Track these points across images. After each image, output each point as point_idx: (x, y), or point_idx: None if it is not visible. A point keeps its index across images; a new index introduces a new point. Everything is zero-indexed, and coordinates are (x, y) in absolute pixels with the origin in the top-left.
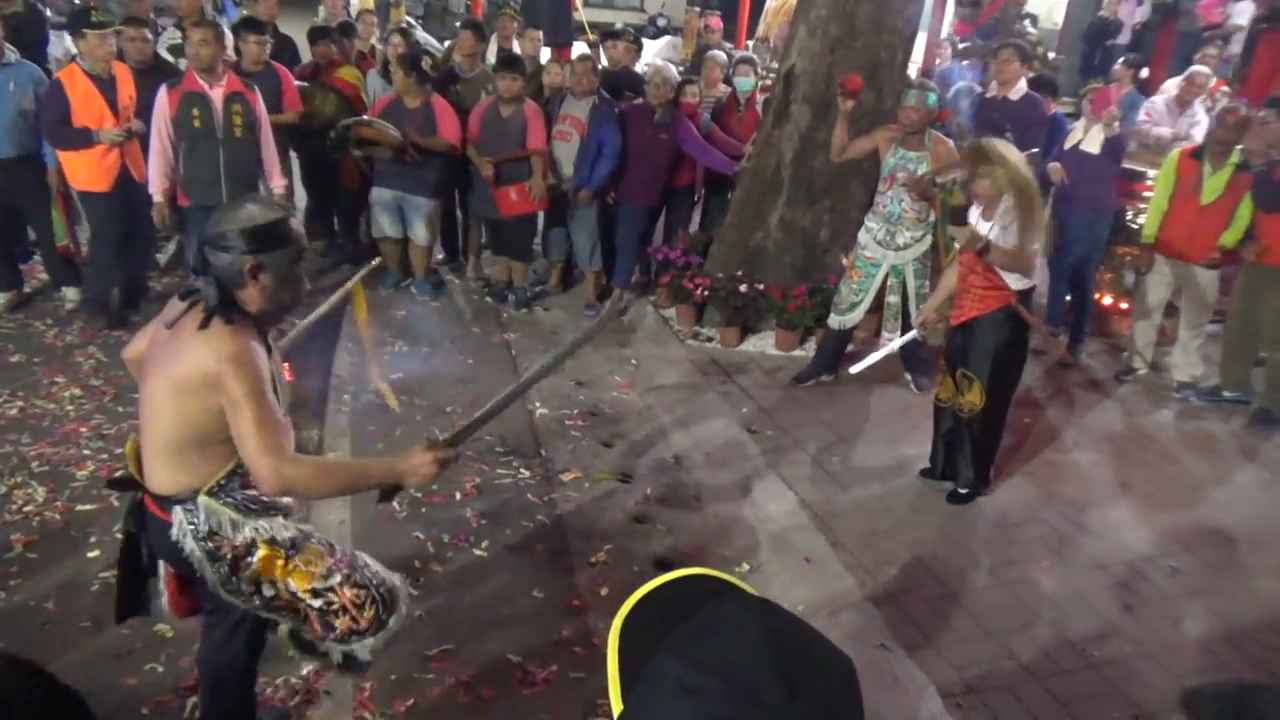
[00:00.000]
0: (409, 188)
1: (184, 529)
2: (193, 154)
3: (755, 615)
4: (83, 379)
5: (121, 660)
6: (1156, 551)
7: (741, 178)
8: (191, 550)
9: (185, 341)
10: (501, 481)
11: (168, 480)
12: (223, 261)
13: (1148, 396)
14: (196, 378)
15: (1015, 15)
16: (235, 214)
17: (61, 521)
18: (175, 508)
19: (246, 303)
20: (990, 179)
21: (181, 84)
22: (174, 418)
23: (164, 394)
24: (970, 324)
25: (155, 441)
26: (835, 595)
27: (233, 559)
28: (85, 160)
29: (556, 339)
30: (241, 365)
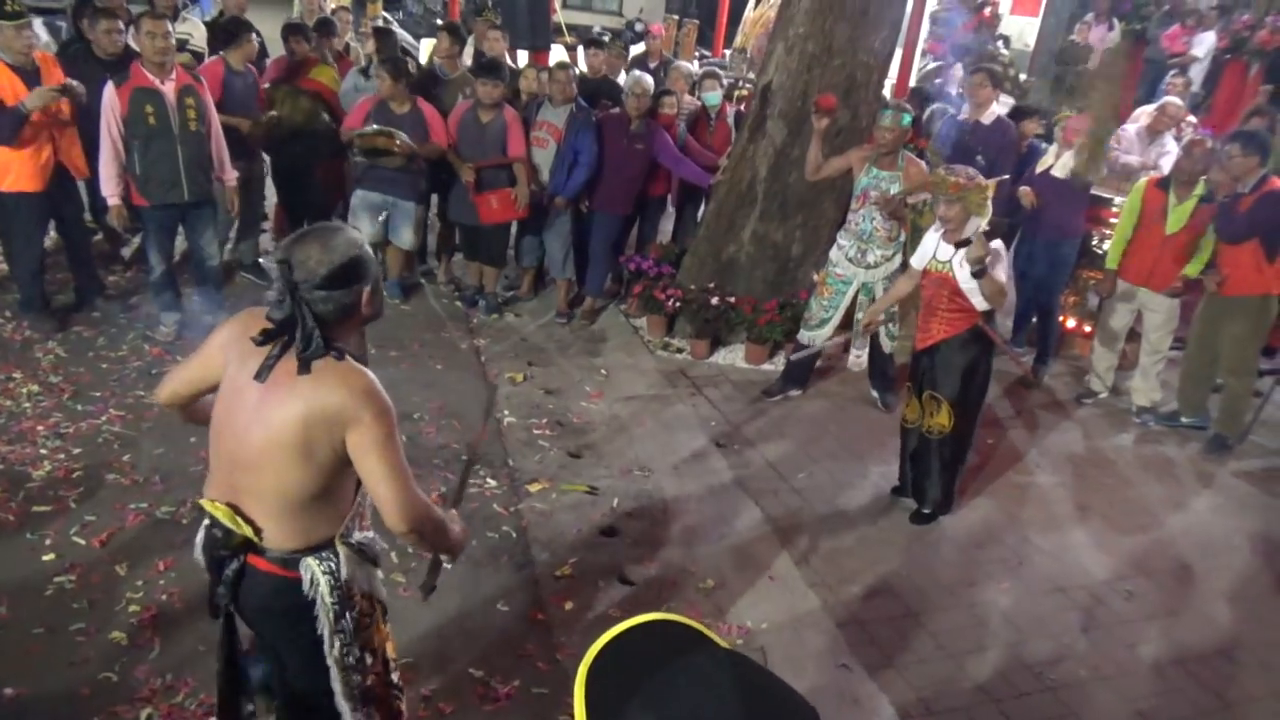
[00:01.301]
0: (398, 192)
1: (319, 580)
2: (148, 152)
3: (725, 668)
4: (41, 375)
5: (75, 668)
6: (1113, 575)
7: (716, 190)
8: (327, 604)
9: (294, 388)
10: (468, 491)
11: (297, 536)
12: (335, 301)
13: (1108, 420)
14: (324, 419)
15: (989, 36)
16: (329, 249)
17: (15, 523)
18: (306, 560)
19: (345, 334)
20: (961, 204)
21: (130, 80)
22: (302, 469)
23: (283, 450)
24: (937, 346)
25: (276, 500)
26: (798, 613)
27: (358, 618)
28: (16, 158)
29: (526, 345)
30: (378, 401)
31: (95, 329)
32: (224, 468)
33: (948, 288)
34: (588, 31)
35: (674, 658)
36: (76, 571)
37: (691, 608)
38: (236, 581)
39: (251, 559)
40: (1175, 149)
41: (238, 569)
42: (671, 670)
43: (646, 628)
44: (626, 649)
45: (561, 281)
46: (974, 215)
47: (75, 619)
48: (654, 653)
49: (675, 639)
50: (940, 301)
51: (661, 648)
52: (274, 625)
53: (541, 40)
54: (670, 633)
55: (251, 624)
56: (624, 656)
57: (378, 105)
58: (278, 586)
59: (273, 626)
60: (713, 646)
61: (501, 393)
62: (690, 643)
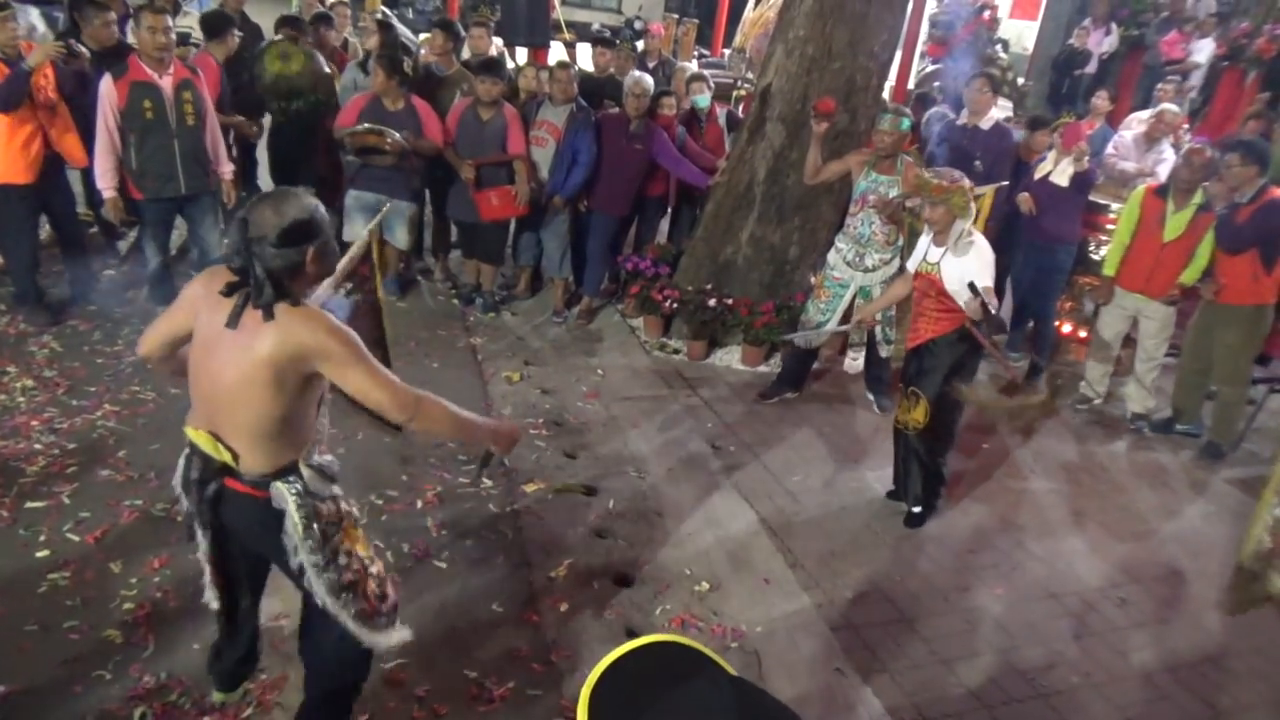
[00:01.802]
0: (392, 191)
1: (287, 497)
2: (145, 146)
3: (728, 695)
4: (35, 370)
5: (69, 666)
6: (1106, 582)
7: (714, 192)
8: (294, 517)
9: (261, 333)
10: (464, 490)
11: (268, 460)
12: (284, 259)
13: (1102, 426)
14: (294, 354)
15: (988, 39)
16: (280, 212)
17: (9, 518)
18: (274, 482)
19: (299, 287)
20: (945, 206)
21: (128, 73)
22: (272, 401)
23: (256, 384)
24: (925, 345)
25: (252, 429)
26: (793, 617)
27: (324, 527)
28: (5, 151)
29: (522, 344)
30: (339, 334)
31: (90, 323)
32: (203, 404)
33: (935, 288)
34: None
35: (677, 683)
36: (70, 568)
37: (686, 610)
38: (216, 502)
39: (229, 482)
40: (1173, 155)
41: (217, 490)
42: (675, 697)
43: (649, 650)
44: (629, 672)
45: (558, 281)
46: (958, 218)
47: (69, 616)
48: (657, 677)
49: (678, 662)
50: (928, 302)
51: (664, 672)
52: (255, 538)
53: (540, 37)
54: (673, 656)
55: (236, 538)
56: (626, 680)
57: (371, 102)
58: (252, 506)
59: (254, 539)
60: (716, 671)
61: (497, 392)
62: (693, 666)
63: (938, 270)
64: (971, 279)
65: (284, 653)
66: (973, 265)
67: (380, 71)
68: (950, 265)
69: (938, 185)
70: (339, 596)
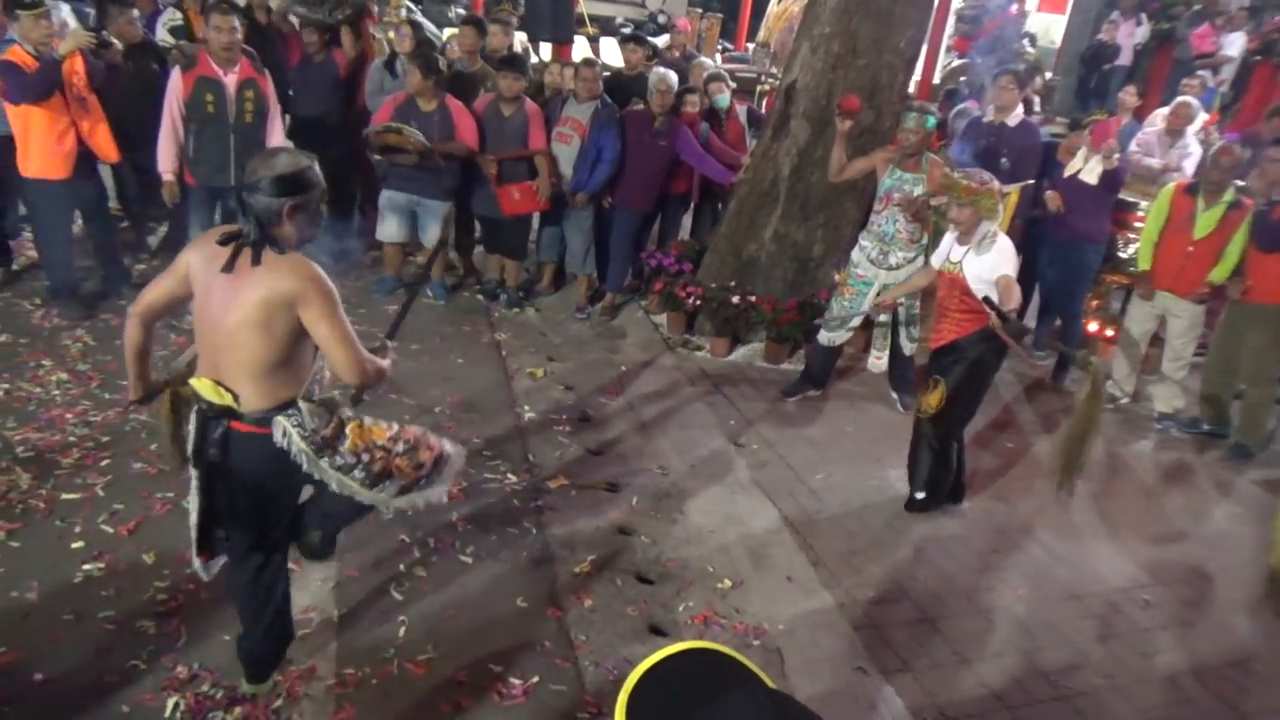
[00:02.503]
0: (424, 191)
1: (289, 432)
2: (202, 136)
3: (765, 707)
4: (69, 363)
5: (102, 656)
6: (1131, 583)
7: (738, 189)
8: (298, 444)
9: (253, 277)
10: (488, 486)
11: (268, 398)
12: (261, 204)
13: (1128, 426)
14: (280, 301)
15: (1015, 33)
16: (271, 163)
17: (45, 510)
18: (277, 418)
19: (282, 239)
20: (973, 208)
21: (196, 68)
22: (264, 344)
23: (248, 327)
24: (948, 346)
25: (249, 369)
26: (815, 615)
27: (332, 446)
28: (39, 145)
29: (546, 340)
30: (319, 283)
31: (121, 317)
32: (206, 351)
33: (958, 288)
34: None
35: (716, 694)
36: (104, 559)
37: (708, 607)
38: (224, 445)
39: (234, 425)
40: (1198, 149)
41: (224, 433)
42: (713, 709)
43: (689, 656)
44: (667, 679)
45: (582, 277)
46: (985, 219)
47: (103, 606)
48: (695, 687)
49: (718, 672)
50: (951, 303)
51: (703, 682)
52: (264, 476)
53: (564, 33)
54: (710, 664)
55: (244, 481)
56: (664, 687)
57: (405, 102)
58: (255, 442)
59: (264, 477)
60: (753, 682)
61: (521, 388)
62: (730, 676)
63: (960, 270)
64: (996, 276)
65: (312, 644)
66: (994, 260)
67: (416, 72)
68: (973, 264)
69: (967, 186)
70: (378, 487)
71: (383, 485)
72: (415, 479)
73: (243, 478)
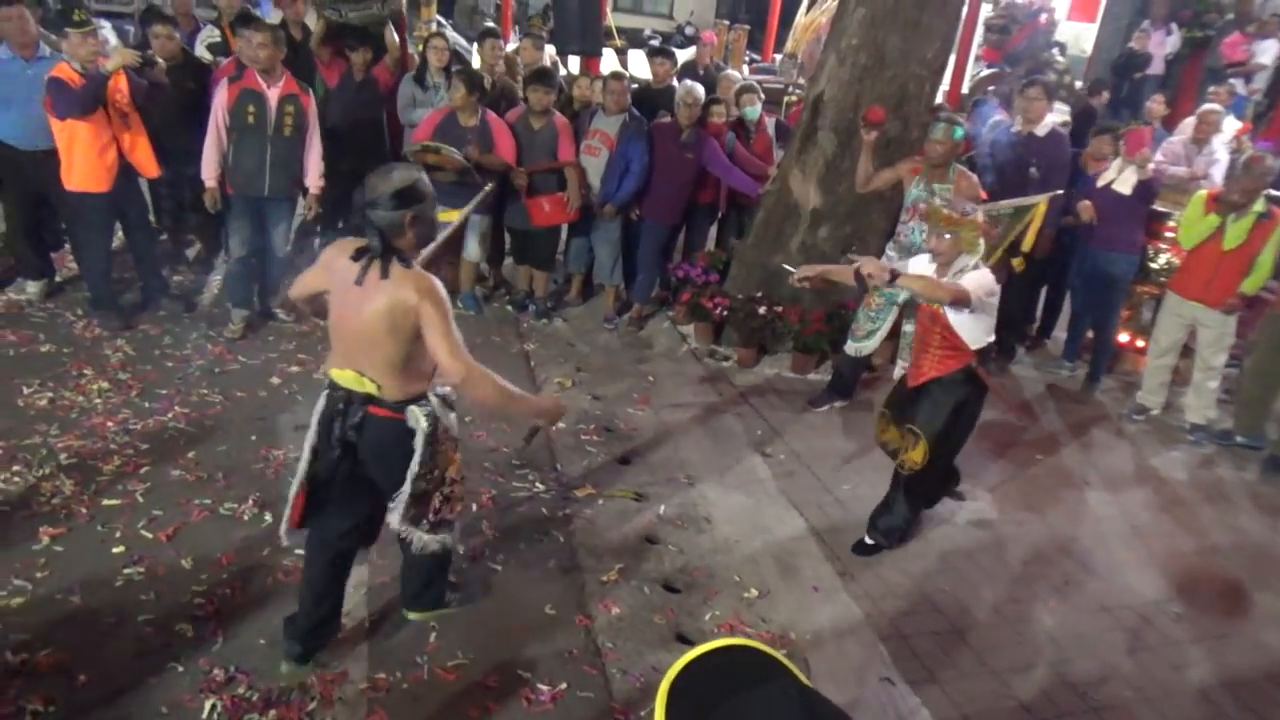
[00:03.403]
0: (460, 204)
1: (419, 419)
2: (241, 146)
3: (796, 705)
4: (110, 373)
5: (142, 658)
6: (1161, 595)
7: (764, 200)
8: (424, 432)
9: (381, 287)
10: (517, 494)
11: (402, 389)
12: (384, 219)
13: (1159, 437)
14: (403, 309)
15: (1044, 43)
16: (389, 179)
17: (87, 515)
18: (410, 407)
19: (404, 247)
20: (954, 238)
21: (242, 80)
22: (395, 344)
23: (381, 330)
24: (928, 384)
25: (386, 365)
26: (842, 625)
27: (438, 444)
28: (82, 159)
29: (574, 351)
30: (435, 295)
31: (160, 328)
32: (344, 346)
33: (939, 324)
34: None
35: (747, 687)
36: (144, 563)
37: (735, 616)
38: (360, 427)
39: (372, 409)
40: (1225, 157)
41: (361, 417)
42: (743, 700)
43: (728, 652)
44: (707, 671)
45: (609, 287)
46: (965, 252)
47: (143, 610)
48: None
49: (752, 667)
50: (932, 339)
51: (737, 675)
52: (385, 454)
53: (592, 46)
54: (749, 660)
55: (365, 458)
56: (703, 678)
57: (446, 117)
58: (391, 426)
59: (384, 454)
60: (788, 679)
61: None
62: (766, 672)
63: (940, 304)
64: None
65: (345, 648)
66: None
67: (460, 87)
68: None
69: (948, 216)
70: (412, 500)
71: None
72: (422, 516)
73: (369, 458)
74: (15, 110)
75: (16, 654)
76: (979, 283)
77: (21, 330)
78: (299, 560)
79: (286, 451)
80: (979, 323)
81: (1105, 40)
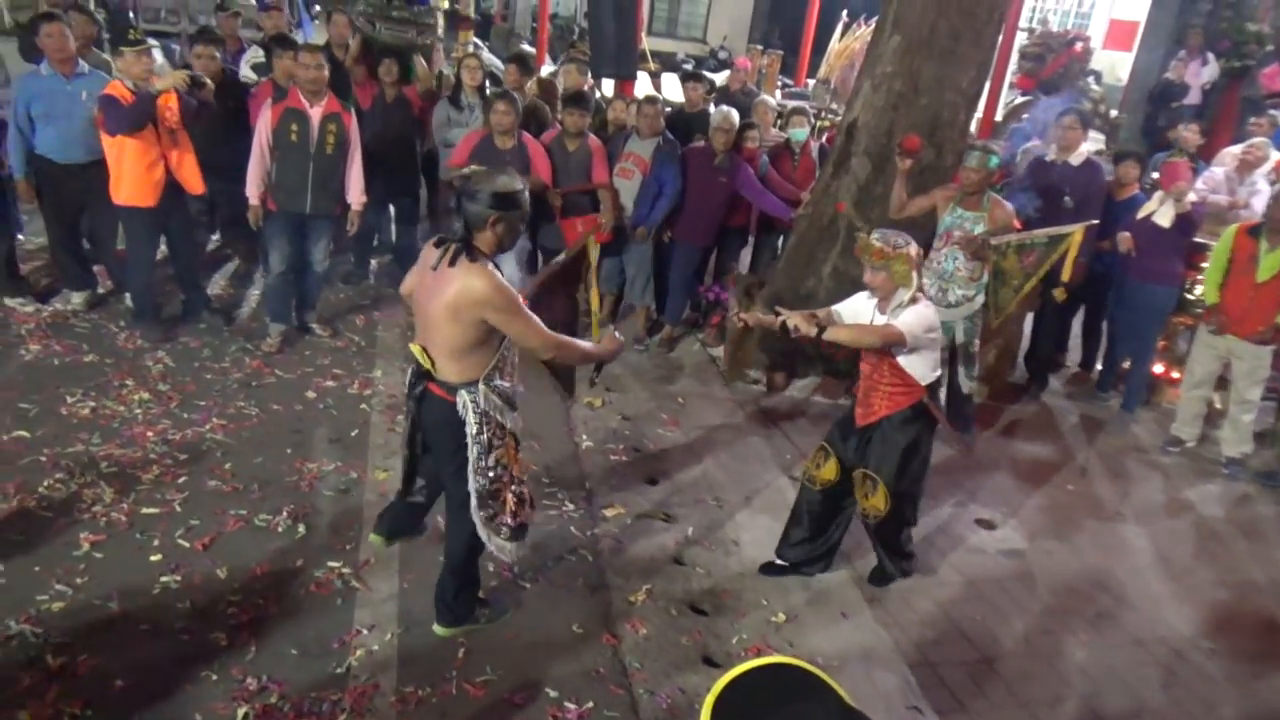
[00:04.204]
0: None
1: (467, 405)
2: (284, 164)
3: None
4: (151, 383)
5: (178, 665)
6: (1195, 631)
7: (797, 224)
8: (471, 421)
9: (450, 277)
10: (547, 513)
11: (456, 373)
12: (473, 211)
13: (1194, 470)
14: (467, 302)
15: (1079, 70)
16: (493, 179)
17: (126, 523)
18: (461, 391)
19: (481, 243)
20: (886, 273)
21: (286, 100)
22: (455, 331)
23: (444, 316)
24: (878, 424)
25: (444, 347)
26: (870, 652)
27: (490, 438)
28: (130, 174)
29: (605, 371)
30: (497, 290)
31: (200, 340)
32: (419, 323)
33: (886, 362)
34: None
35: (788, 703)
36: (180, 572)
37: (762, 639)
38: (420, 400)
39: (430, 385)
40: (1267, 188)
41: (421, 390)
42: (783, 711)
43: (774, 669)
44: (752, 687)
45: (641, 309)
46: (900, 286)
47: (179, 618)
48: (772, 695)
49: (796, 684)
50: (881, 376)
51: (780, 691)
52: (438, 434)
53: (627, 70)
54: (795, 679)
55: (425, 434)
56: (748, 695)
57: (482, 140)
58: (441, 405)
59: (437, 435)
60: (829, 696)
61: (579, 416)
62: (809, 690)
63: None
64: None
65: (375, 661)
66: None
67: (510, 111)
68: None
69: (878, 250)
70: (481, 499)
71: (486, 502)
72: (500, 519)
73: (426, 431)
74: (54, 125)
75: (56, 658)
76: (916, 320)
77: (66, 340)
78: (330, 572)
79: (320, 464)
80: (924, 359)
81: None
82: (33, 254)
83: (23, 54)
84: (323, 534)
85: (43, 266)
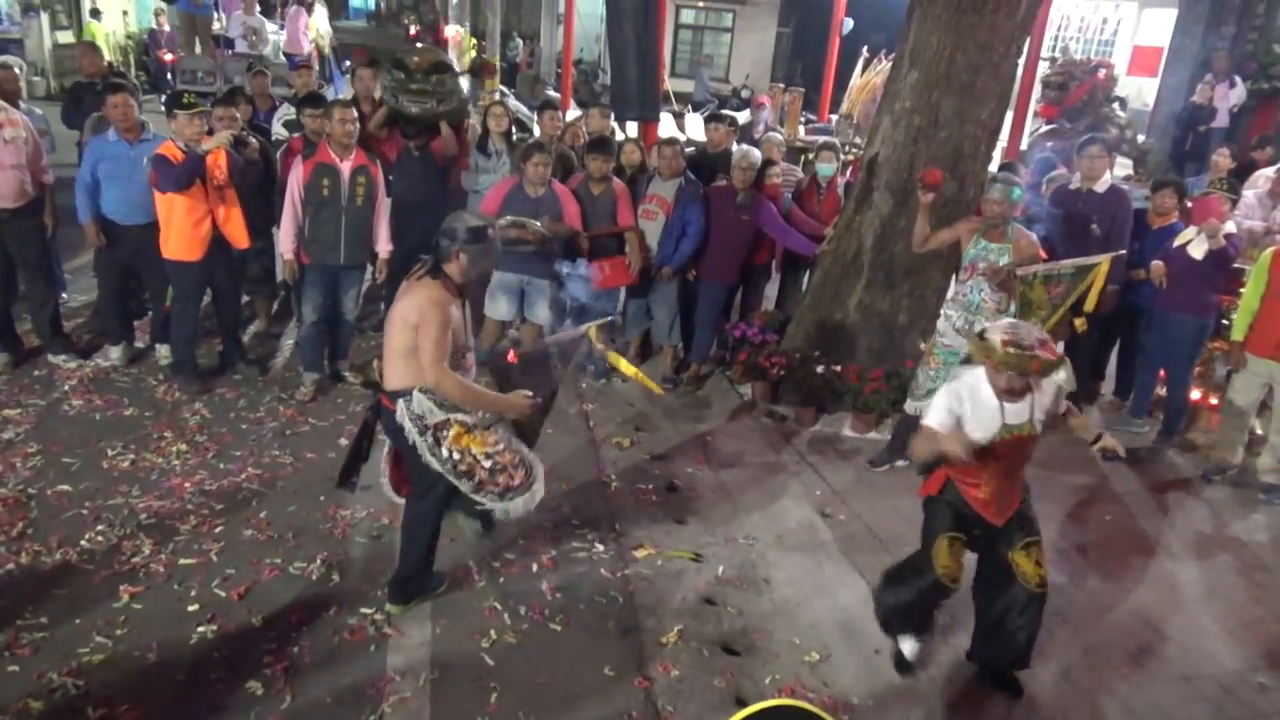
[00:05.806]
0: (532, 271)
1: (404, 413)
2: (317, 218)
3: None
4: (189, 435)
5: (215, 713)
6: (1244, 665)
7: (822, 259)
8: (407, 427)
9: (410, 289)
10: (577, 555)
11: (396, 380)
12: (443, 244)
13: (1237, 499)
14: (413, 311)
15: (1104, 98)
16: (464, 219)
17: (165, 574)
18: (399, 400)
19: (450, 270)
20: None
21: (316, 156)
22: (401, 338)
23: (397, 322)
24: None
25: (390, 354)
26: (905, 692)
27: (434, 433)
28: (178, 229)
29: (633, 410)
30: (434, 306)
31: (236, 391)
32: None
33: (1028, 449)
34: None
35: None
36: (217, 621)
37: (795, 679)
38: (376, 410)
39: (382, 397)
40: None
41: (376, 401)
42: None
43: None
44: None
45: (668, 348)
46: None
47: (215, 667)
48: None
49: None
50: (1020, 463)
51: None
52: (395, 439)
53: (650, 112)
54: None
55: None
56: None
57: (513, 188)
58: (388, 414)
59: (395, 439)
60: None
61: (608, 457)
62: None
63: (1031, 429)
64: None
65: (408, 709)
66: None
67: (544, 162)
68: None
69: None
70: (458, 478)
71: (462, 481)
72: (488, 485)
73: (389, 436)
74: (118, 188)
75: (97, 710)
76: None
77: (108, 394)
78: (363, 619)
79: (353, 511)
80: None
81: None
82: (76, 311)
83: (65, 120)
84: (355, 580)
85: (84, 324)
